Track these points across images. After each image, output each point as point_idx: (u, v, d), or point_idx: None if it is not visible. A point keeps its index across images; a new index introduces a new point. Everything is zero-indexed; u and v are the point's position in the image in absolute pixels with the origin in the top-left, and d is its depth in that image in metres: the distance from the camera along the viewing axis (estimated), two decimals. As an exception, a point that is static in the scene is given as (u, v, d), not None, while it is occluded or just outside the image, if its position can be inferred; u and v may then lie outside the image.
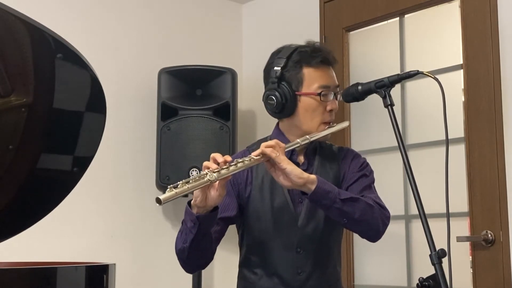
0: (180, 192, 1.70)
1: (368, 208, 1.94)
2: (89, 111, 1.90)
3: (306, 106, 2.05)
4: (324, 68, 2.07)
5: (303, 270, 2.05)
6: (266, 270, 2.06)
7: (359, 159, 2.17)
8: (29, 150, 1.84)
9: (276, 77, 2.04)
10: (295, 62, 2.04)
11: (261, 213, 2.06)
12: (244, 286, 2.13)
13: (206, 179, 1.75)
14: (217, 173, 1.77)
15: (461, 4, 3.04)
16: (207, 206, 1.83)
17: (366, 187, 2.08)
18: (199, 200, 1.81)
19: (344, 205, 1.89)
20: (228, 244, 2.27)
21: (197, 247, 1.91)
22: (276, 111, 2.07)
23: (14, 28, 1.62)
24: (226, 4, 4.05)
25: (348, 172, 2.12)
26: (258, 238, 2.07)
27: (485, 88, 2.90)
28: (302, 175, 1.86)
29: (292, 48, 2.08)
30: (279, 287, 2.04)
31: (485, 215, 2.86)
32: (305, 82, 2.04)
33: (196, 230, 1.85)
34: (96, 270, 1.82)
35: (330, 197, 1.88)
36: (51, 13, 3.20)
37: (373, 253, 3.33)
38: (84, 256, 3.11)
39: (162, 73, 3.49)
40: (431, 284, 1.67)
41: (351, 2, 3.50)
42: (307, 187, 1.87)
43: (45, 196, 1.96)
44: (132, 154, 3.51)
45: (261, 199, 2.06)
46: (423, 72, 1.89)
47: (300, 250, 2.05)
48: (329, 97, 2.06)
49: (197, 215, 1.84)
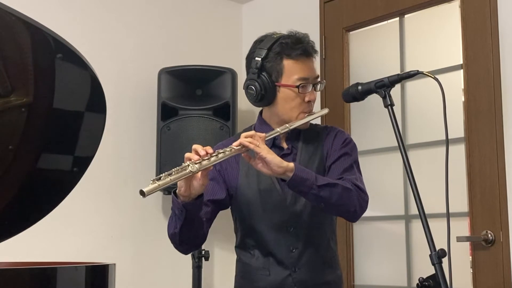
0: (163, 184, 1.77)
1: (345, 192, 2.01)
2: (89, 111, 1.90)
3: (285, 97, 2.12)
4: (304, 60, 2.12)
5: (295, 247, 2.11)
6: (261, 250, 2.14)
7: (342, 135, 2.22)
8: (29, 150, 1.84)
9: (257, 67, 2.11)
10: (276, 53, 2.11)
11: (250, 198, 2.13)
12: (242, 267, 2.20)
13: (188, 170, 1.82)
14: (199, 164, 1.84)
15: (461, 4, 3.04)
16: (191, 195, 1.91)
17: (348, 167, 2.13)
18: (183, 190, 1.90)
19: (321, 191, 1.96)
20: (228, 243, 2.27)
21: (188, 231, 2.00)
22: (256, 100, 2.15)
23: (14, 28, 1.62)
24: (226, 4, 4.05)
25: (331, 149, 2.17)
26: (250, 222, 2.15)
27: (485, 88, 2.90)
28: (282, 164, 1.93)
29: (273, 38, 2.14)
30: (274, 266, 2.12)
31: (485, 215, 2.86)
32: (284, 73, 2.11)
33: (183, 216, 1.94)
34: (96, 270, 1.82)
35: (307, 184, 1.95)
36: (51, 13, 3.19)
37: (373, 253, 3.33)
38: (84, 256, 3.11)
39: (162, 73, 3.49)
40: (431, 284, 1.67)
41: (351, 2, 3.49)
42: (286, 175, 1.94)
43: (45, 196, 1.95)
44: (132, 154, 3.51)
45: (248, 185, 2.14)
46: (423, 72, 1.90)
47: (291, 228, 2.11)
48: (307, 89, 2.12)
49: (183, 203, 1.92)
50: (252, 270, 2.15)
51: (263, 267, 2.13)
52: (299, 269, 2.11)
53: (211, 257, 3.41)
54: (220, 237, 3.56)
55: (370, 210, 2.15)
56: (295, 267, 2.11)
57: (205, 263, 3.40)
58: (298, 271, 2.11)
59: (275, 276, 2.11)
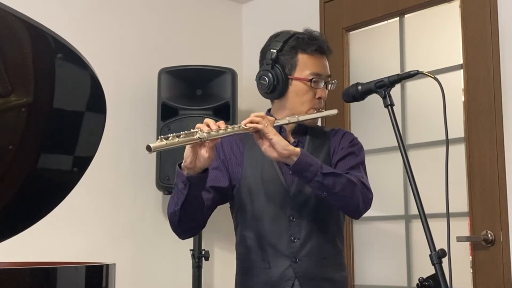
0: (170, 143, 1.77)
1: (349, 184, 2.00)
2: (89, 111, 1.90)
3: (297, 90, 2.13)
4: (318, 56, 2.16)
5: (297, 237, 2.09)
6: (260, 242, 2.11)
7: (350, 136, 2.24)
8: (29, 150, 1.84)
9: (271, 59, 2.13)
10: (291, 47, 2.14)
11: (253, 188, 2.12)
12: (241, 263, 2.18)
13: (196, 136, 1.82)
14: (207, 134, 1.84)
15: (461, 4, 3.04)
16: (196, 167, 1.90)
17: (354, 166, 2.13)
18: (189, 160, 1.89)
19: (325, 179, 1.95)
20: (228, 243, 2.27)
21: (189, 209, 1.98)
22: (268, 91, 2.16)
23: (14, 28, 1.61)
24: (226, 4, 4.05)
25: (338, 147, 2.18)
26: (251, 212, 2.13)
27: (485, 88, 2.90)
28: (288, 147, 1.93)
29: (290, 33, 2.17)
30: (274, 257, 2.09)
31: (485, 215, 2.86)
32: (298, 67, 2.13)
33: (187, 191, 1.93)
34: (96, 270, 1.82)
35: (312, 170, 1.94)
36: (51, 13, 3.20)
37: (373, 253, 3.33)
38: (84, 256, 3.11)
39: (162, 73, 3.49)
40: (431, 284, 1.67)
41: (351, 2, 3.49)
42: (291, 159, 1.93)
43: (45, 196, 1.95)
44: (132, 154, 3.51)
45: (252, 175, 2.13)
46: (423, 72, 1.90)
47: (293, 218, 2.10)
48: (320, 85, 2.14)
49: (188, 176, 1.91)
50: (252, 265, 2.13)
51: (262, 260, 2.10)
52: (300, 260, 2.08)
53: (211, 257, 3.41)
54: (220, 237, 3.56)
55: (370, 210, 2.15)
56: (296, 257, 2.08)
57: (205, 263, 3.40)
58: (300, 262, 2.08)
59: (275, 268, 2.08)
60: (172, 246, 3.51)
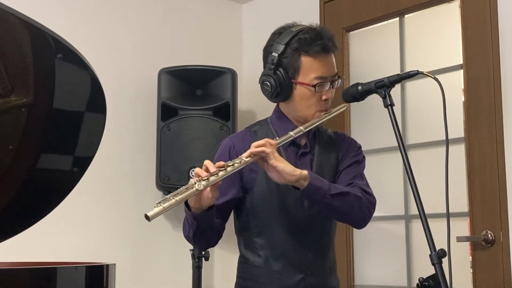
0: (168, 206, 1.73)
1: (356, 200, 2.01)
2: (89, 111, 1.90)
3: (302, 95, 2.07)
4: (322, 57, 2.05)
5: (310, 250, 2.08)
6: (272, 252, 2.07)
7: (355, 144, 2.24)
8: (29, 150, 1.84)
9: (273, 63, 2.04)
10: (294, 49, 2.03)
11: (267, 195, 2.07)
12: (247, 269, 2.12)
13: (195, 189, 1.78)
14: (206, 181, 1.80)
15: (461, 4, 3.04)
16: (202, 207, 1.88)
17: (358, 175, 2.14)
18: (193, 203, 1.87)
19: (333, 200, 1.96)
20: (228, 243, 2.27)
21: (202, 237, 2.00)
22: (272, 96, 2.10)
23: (14, 28, 1.62)
24: (226, 4, 4.05)
25: (346, 155, 2.17)
26: (264, 220, 2.09)
27: (485, 88, 2.90)
28: (294, 172, 1.90)
29: (292, 32, 2.05)
30: (287, 268, 2.06)
31: (485, 215, 2.86)
32: (302, 71, 2.04)
33: (196, 225, 1.93)
34: (96, 270, 1.82)
35: (321, 193, 1.94)
36: (51, 13, 3.20)
37: (373, 253, 3.33)
38: (84, 256, 3.11)
39: (162, 73, 3.49)
40: (431, 284, 1.67)
41: (351, 2, 3.49)
42: (299, 183, 1.91)
43: (45, 196, 1.95)
44: (132, 154, 3.51)
45: (267, 181, 2.04)
46: (423, 72, 1.89)
47: (307, 231, 2.09)
48: (324, 87, 2.06)
49: (194, 215, 1.91)
50: (260, 272, 2.08)
51: (273, 270, 2.06)
52: (312, 273, 2.07)
53: (211, 257, 3.41)
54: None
55: (370, 210, 2.15)
56: (309, 270, 2.07)
57: (205, 263, 3.40)
58: (310, 275, 2.07)
59: (287, 279, 2.05)
60: (172, 246, 3.51)
